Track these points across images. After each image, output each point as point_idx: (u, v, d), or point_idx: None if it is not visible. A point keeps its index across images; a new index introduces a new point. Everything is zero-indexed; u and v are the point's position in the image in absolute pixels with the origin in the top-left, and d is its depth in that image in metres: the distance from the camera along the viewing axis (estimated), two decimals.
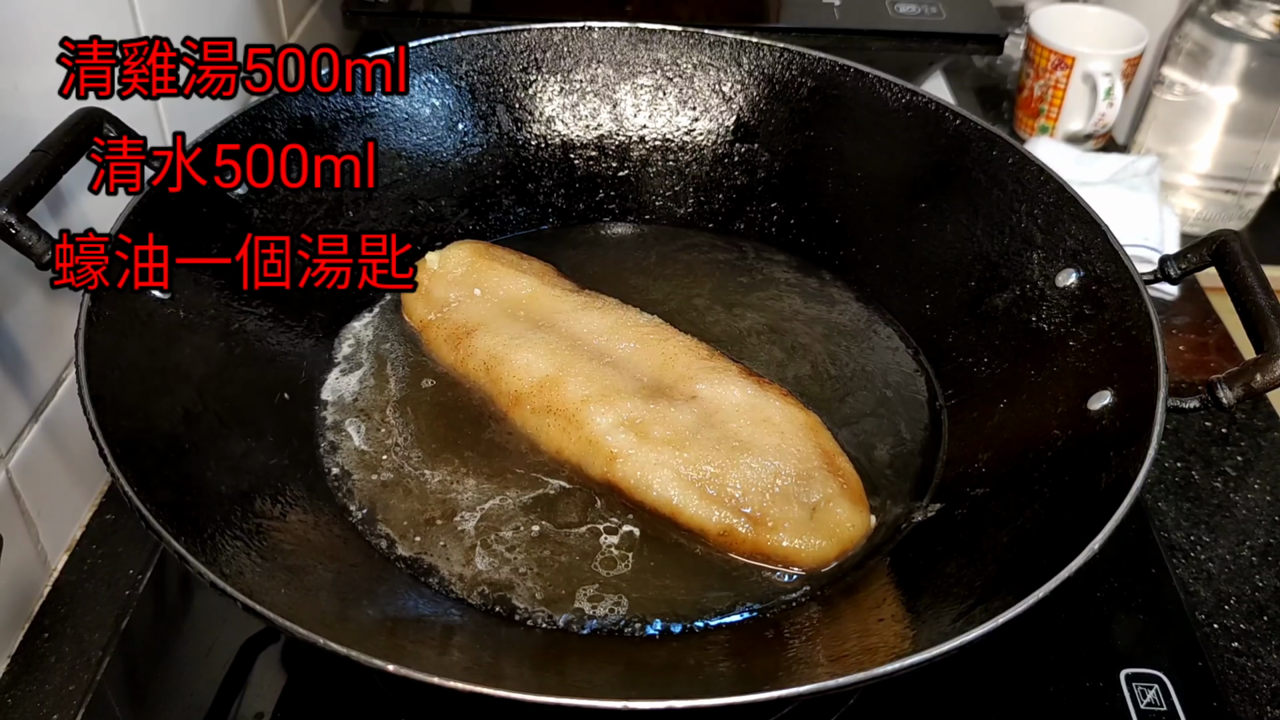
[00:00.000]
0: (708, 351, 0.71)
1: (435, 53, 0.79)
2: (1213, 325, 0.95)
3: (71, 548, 0.70)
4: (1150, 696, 0.63)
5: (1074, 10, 1.18)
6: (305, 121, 0.73)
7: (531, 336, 0.71)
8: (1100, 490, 0.54)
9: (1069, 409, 0.62)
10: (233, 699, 0.62)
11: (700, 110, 0.84)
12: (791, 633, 0.57)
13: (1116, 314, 0.62)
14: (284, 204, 0.72)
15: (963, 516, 0.62)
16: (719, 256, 0.83)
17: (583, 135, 0.85)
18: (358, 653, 0.44)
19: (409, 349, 0.74)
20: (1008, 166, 0.71)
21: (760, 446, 0.64)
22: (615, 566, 0.61)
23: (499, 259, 0.77)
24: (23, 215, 0.54)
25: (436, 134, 0.80)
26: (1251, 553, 0.75)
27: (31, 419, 0.65)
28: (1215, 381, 0.55)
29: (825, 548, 0.61)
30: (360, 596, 0.58)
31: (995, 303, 0.71)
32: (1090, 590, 0.70)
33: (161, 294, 0.61)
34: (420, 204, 0.81)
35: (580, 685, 0.54)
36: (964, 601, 0.51)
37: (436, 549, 0.61)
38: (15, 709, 0.61)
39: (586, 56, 0.83)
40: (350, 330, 0.75)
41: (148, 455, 0.54)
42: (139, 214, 0.61)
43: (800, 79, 0.81)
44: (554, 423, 0.67)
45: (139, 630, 0.65)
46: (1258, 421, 0.85)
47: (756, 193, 0.84)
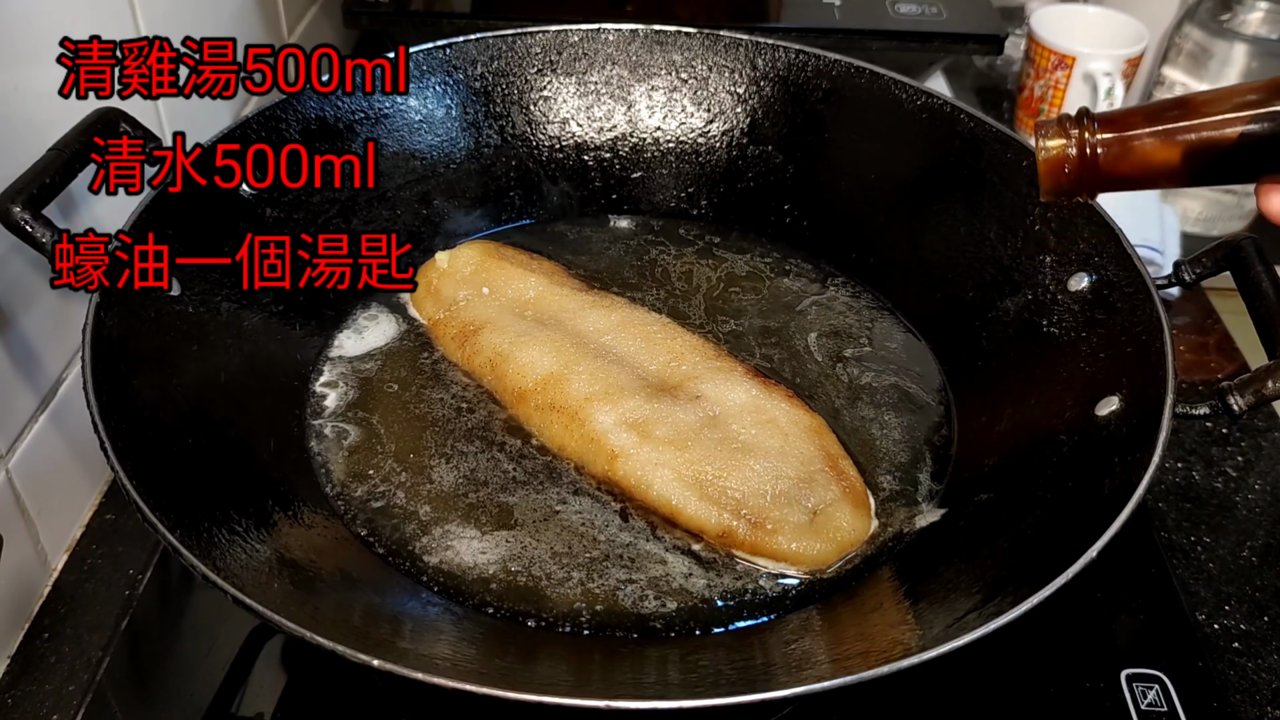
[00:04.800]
0: (714, 351, 0.71)
1: (450, 55, 0.80)
2: (1213, 325, 0.95)
3: (71, 548, 0.70)
4: (1151, 697, 0.63)
5: (1074, 10, 1.18)
6: (320, 122, 0.74)
7: (537, 334, 0.71)
8: (1103, 496, 0.54)
9: (1076, 414, 0.62)
10: (233, 699, 0.62)
11: (715, 112, 0.84)
12: (791, 633, 0.57)
13: (1127, 319, 0.62)
14: (297, 203, 0.72)
15: (965, 521, 0.62)
16: (730, 257, 0.83)
17: (597, 137, 0.85)
18: (344, 648, 0.44)
19: (415, 349, 0.74)
20: (1022, 169, 0.71)
21: (763, 448, 0.64)
22: (616, 566, 0.61)
23: (508, 258, 0.77)
24: (37, 212, 0.55)
25: (451, 135, 0.81)
26: (1252, 553, 0.75)
27: (33, 419, 0.65)
28: (1226, 388, 0.54)
29: (825, 550, 0.61)
30: (361, 595, 0.58)
31: (1006, 306, 0.71)
32: (1090, 590, 0.70)
33: (175, 291, 0.62)
34: (434, 204, 0.81)
35: (578, 684, 0.54)
36: (963, 605, 0.51)
37: (438, 548, 0.61)
38: (15, 709, 0.61)
39: (602, 58, 0.84)
40: (357, 329, 0.75)
41: (148, 450, 0.54)
42: (150, 213, 0.61)
43: (815, 80, 0.81)
44: (557, 420, 0.67)
45: (139, 630, 0.65)
46: (1258, 422, 0.85)
47: (769, 194, 0.84)
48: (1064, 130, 0.48)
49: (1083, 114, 0.48)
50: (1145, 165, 0.47)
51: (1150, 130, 0.47)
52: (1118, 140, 0.47)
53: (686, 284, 0.80)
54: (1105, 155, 0.48)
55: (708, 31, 0.83)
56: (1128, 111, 0.48)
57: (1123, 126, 0.47)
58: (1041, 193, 0.50)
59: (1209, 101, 0.45)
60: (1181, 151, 0.46)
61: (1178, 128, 0.46)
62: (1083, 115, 0.48)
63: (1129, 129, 0.47)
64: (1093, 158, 0.48)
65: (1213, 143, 0.45)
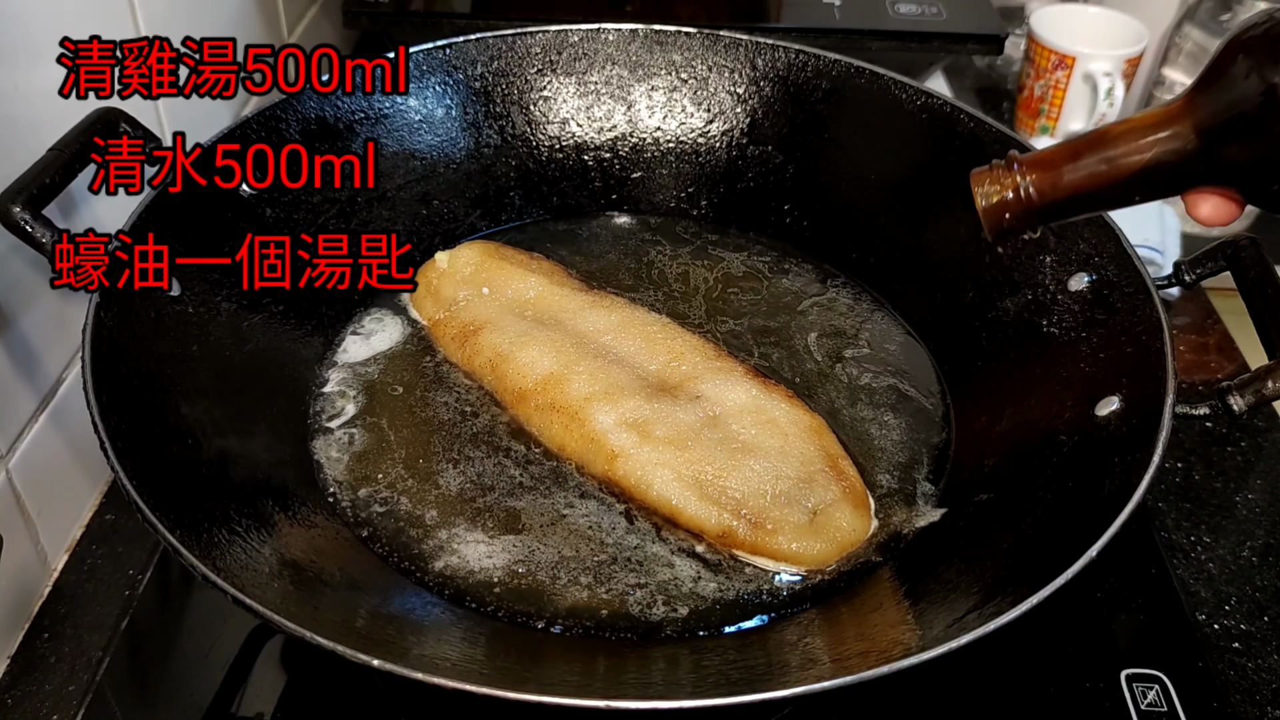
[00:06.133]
0: (714, 351, 0.71)
1: (450, 55, 0.80)
2: (1213, 325, 0.95)
3: (71, 548, 0.70)
4: (1151, 697, 0.63)
5: (1074, 10, 1.18)
6: (320, 122, 0.74)
7: (537, 334, 0.71)
8: (1103, 496, 0.54)
9: (1076, 414, 0.62)
10: (233, 699, 0.62)
11: (714, 112, 0.84)
12: (791, 633, 0.57)
13: (1127, 319, 0.62)
14: (297, 204, 0.72)
15: (965, 521, 0.62)
16: (730, 257, 0.83)
17: (597, 137, 0.85)
18: (344, 648, 0.44)
19: (417, 352, 0.74)
20: None
21: (763, 448, 0.64)
22: (624, 570, 0.61)
23: (508, 258, 0.77)
24: (37, 213, 0.55)
25: (451, 135, 0.81)
26: (1252, 553, 0.75)
27: (33, 419, 0.65)
28: (1226, 388, 0.54)
29: (825, 550, 0.61)
30: (364, 597, 0.58)
31: (1006, 306, 0.71)
32: (1090, 590, 0.70)
33: (175, 291, 0.62)
34: (434, 204, 0.81)
35: (578, 685, 0.54)
36: (963, 605, 0.51)
37: (439, 549, 0.61)
38: (15, 709, 0.61)
39: (602, 58, 0.84)
40: (358, 329, 0.75)
41: (149, 450, 0.54)
42: (150, 213, 0.61)
43: (815, 81, 0.81)
44: (557, 420, 0.67)
45: (139, 630, 0.65)
46: (1258, 422, 0.85)
47: (769, 194, 0.84)
48: (996, 176, 0.51)
49: (1012, 160, 0.51)
50: (1076, 199, 0.50)
51: (1073, 167, 0.49)
52: (1045, 180, 0.50)
53: (686, 284, 0.80)
54: (1038, 195, 0.50)
55: (708, 31, 0.83)
56: (1052, 152, 0.51)
57: (1048, 166, 0.50)
58: (987, 234, 0.53)
59: (1122, 134, 0.48)
60: (1104, 182, 0.49)
61: (1095, 161, 0.49)
62: (1012, 161, 0.51)
63: (1054, 168, 0.50)
64: (1027, 199, 0.50)
65: (1130, 170, 0.48)
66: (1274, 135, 0.44)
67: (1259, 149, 0.45)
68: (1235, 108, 0.45)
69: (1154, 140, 0.47)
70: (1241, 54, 0.45)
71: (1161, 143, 0.47)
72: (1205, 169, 0.47)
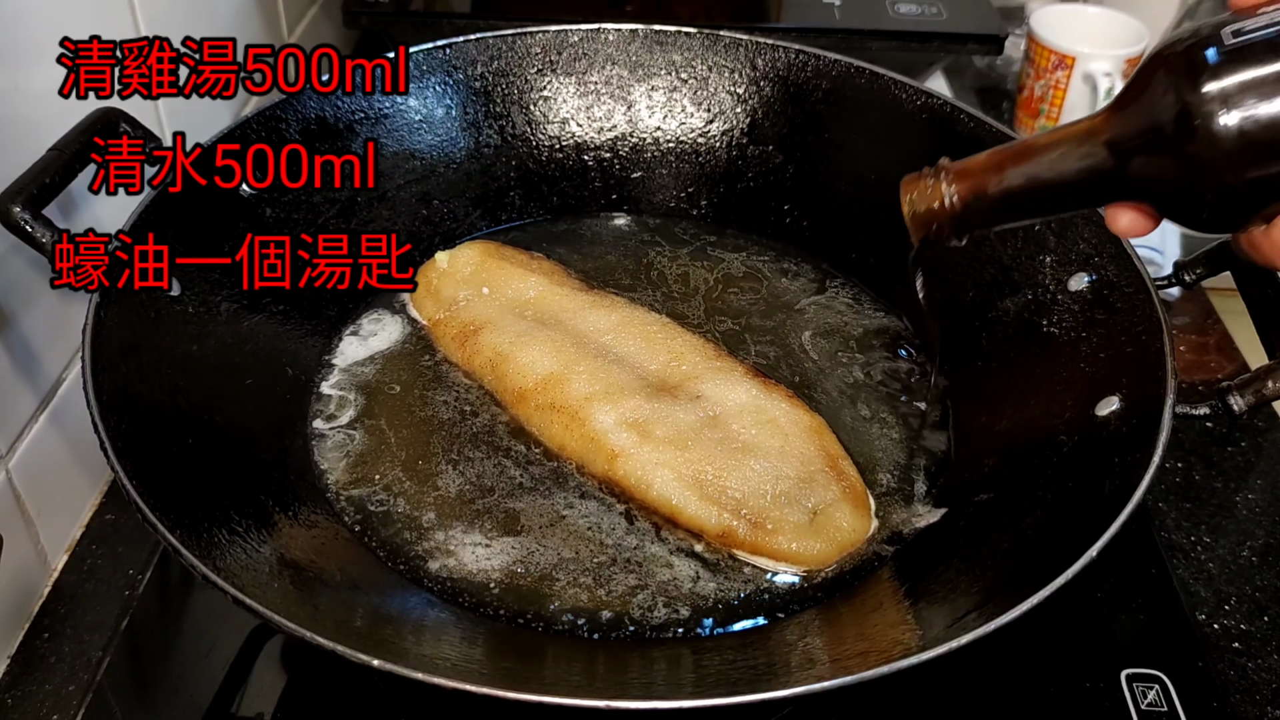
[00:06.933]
0: (714, 351, 0.71)
1: (450, 55, 0.80)
2: (1213, 325, 0.95)
3: (71, 548, 0.70)
4: (1151, 697, 0.63)
5: (1074, 10, 1.18)
6: (320, 122, 0.74)
7: (537, 334, 0.71)
8: (1103, 496, 0.54)
9: (1076, 414, 0.62)
10: (233, 699, 0.62)
11: (714, 112, 0.84)
12: (791, 633, 0.57)
13: (1127, 319, 0.62)
14: (297, 203, 0.72)
15: (965, 521, 0.62)
16: (730, 257, 0.83)
17: (597, 137, 0.85)
18: (344, 648, 0.44)
19: (416, 352, 0.74)
20: None
21: (763, 448, 0.64)
22: (624, 571, 0.61)
23: (508, 258, 0.77)
24: (37, 213, 0.55)
25: (451, 135, 0.81)
26: (1252, 553, 0.75)
27: (33, 419, 0.65)
28: (1226, 388, 0.54)
29: (825, 550, 0.61)
30: (364, 597, 0.58)
31: (1006, 306, 0.71)
32: (1090, 590, 0.70)
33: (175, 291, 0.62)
34: (434, 204, 0.81)
35: (578, 685, 0.54)
36: (963, 605, 0.51)
37: (439, 549, 0.61)
38: (15, 709, 0.61)
39: (602, 58, 0.84)
40: (357, 329, 0.75)
41: (148, 450, 0.54)
42: (150, 213, 0.61)
43: (814, 81, 0.81)
44: (557, 420, 0.67)
45: (139, 630, 0.65)
46: (1258, 422, 0.85)
47: (769, 194, 0.84)
48: (925, 184, 0.52)
49: (941, 168, 0.52)
50: (999, 209, 0.50)
51: (997, 178, 0.49)
52: (970, 190, 0.50)
53: (685, 284, 0.80)
54: (962, 205, 0.51)
55: (708, 31, 0.83)
56: (978, 161, 0.51)
57: (974, 176, 0.50)
58: (913, 239, 0.53)
59: (1045, 146, 0.48)
60: (1026, 194, 0.49)
61: (1018, 173, 0.49)
62: (941, 169, 0.51)
63: (979, 178, 0.50)
64: (953, 208, 0.51)
65: (1050, 183, 0.48)
66: (1185, 154, 0.43)
67: (1171, 167, 0.44)
68: (1150, 125, 0.44)
69: (1074, 154, 0.47)
70: (1161, 70, 0.44)
71: (1081, 157, 0.47)
72: (1121, 185, 0.47)
